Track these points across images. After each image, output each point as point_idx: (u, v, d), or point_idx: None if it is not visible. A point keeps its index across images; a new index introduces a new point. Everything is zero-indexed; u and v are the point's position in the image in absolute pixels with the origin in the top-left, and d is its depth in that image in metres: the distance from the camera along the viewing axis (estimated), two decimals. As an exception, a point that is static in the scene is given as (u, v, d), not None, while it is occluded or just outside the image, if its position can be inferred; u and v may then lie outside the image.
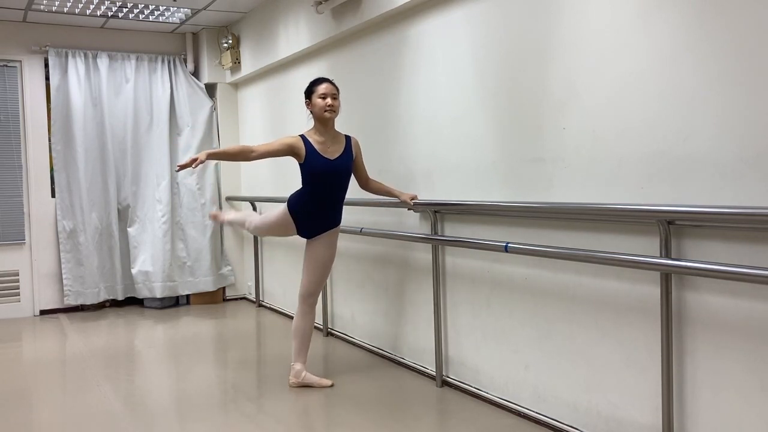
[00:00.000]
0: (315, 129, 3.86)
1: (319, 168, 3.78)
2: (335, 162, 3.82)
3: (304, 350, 4.02)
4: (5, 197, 6.40)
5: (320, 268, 3.93)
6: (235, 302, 7.00)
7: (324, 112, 3.78)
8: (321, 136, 3.83)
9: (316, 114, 3.82)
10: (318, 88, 3.82)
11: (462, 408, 3.62)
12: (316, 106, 3.80)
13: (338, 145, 3.87)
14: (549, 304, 3.26)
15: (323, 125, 3.84)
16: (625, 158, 2.81)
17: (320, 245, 3.93)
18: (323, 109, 3.78)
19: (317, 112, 3.80)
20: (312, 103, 3.83)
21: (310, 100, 3.84)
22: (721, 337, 2.50)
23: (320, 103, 3.78)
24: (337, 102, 3.83)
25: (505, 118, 3.45)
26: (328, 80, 3.87)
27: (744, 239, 2.40)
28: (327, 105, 3.77)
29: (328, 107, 3.78)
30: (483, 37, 3.57)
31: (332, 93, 3.81)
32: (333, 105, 3.79)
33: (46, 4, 5.84)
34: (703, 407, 2.57)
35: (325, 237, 3.93)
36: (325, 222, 3.91)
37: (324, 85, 3.82)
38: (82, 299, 6.48)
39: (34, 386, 4.27)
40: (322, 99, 3.78)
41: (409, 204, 3.98)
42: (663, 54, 2.63)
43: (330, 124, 3.85)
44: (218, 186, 6.98)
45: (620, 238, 2.85)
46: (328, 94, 3.79)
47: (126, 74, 6.68)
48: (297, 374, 4.02)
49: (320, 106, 3.78)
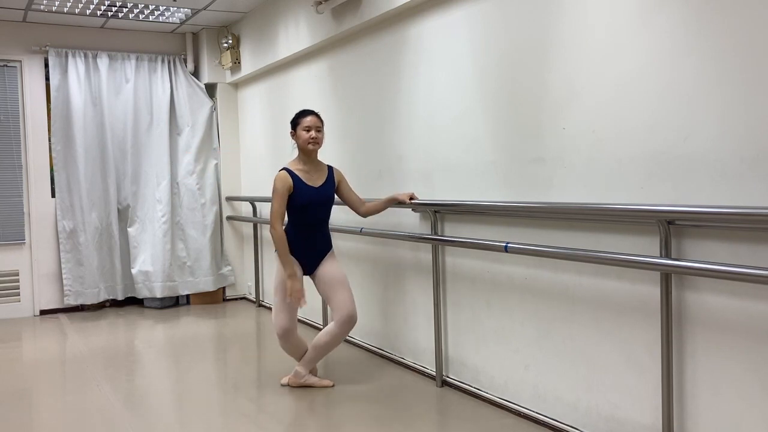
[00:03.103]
0: (299, 159, 3.98)
1: (306, 197, 3.88)
2: (320, 189, 3.94)
3: (315, 361, 4.05)
4: (5, 197, 6.40)
5: (342, 284, 3.95)
6: (235, 302, 7.00)
7: (308, 144, 3.91)
8: (305, 165, 3.96)
9: (300, 145, 3.94)
10: (303, 120, 3.93)
11: (462, 408, 3.61)
12: (301, 138, 3.92)
13: (321, 173, 4.00)
14: (549, 304, 3.26)
15: (306, 156, 3.96)
16: (625, 158, 2.81)
17: (328, 270, 3.97)
18: (307, 142, 3.91)
19: (301, 144, 3.93)
20: (297, 134, 3.94)
21: (295, 131, 3.95)
22: (721, 337, 2.50)
23: (304, 136, 3.91)
24: (320, 135, 3.95)
25: (505, 118, 3.45)
26: (313, 113, 3.98)
27: (744, 239, 2.40)
28: (311, 138, 3.90)
29: (311, 140, 3.91)
30: (483, 37, 3.57)
31: (316, 126, 3.93)
32: (316, 138, 3.92)
33: (46, 4, 5.84)
34: (703, 407, 2.57)
35: (326, 262, 3.99)
36: (317, 246, 3.98)
37: (309, 118, 3.93)
38: (82, 299, 6.48)
39: (34, 386, 4.27)
40: (306, 132, 3.90)
41: (408, 203, 3.99)
42: (663, 54, 2.63)
43: (313, 155, 3.98)
44: (218, 186, 6.98)
45: (620, 238, 2.85)
46: (312, 127, 3.91)
47: (126, 74, 6.68)
48: (297, 376, 4.02)
49: (304, 139, 3.91)
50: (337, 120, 5.04)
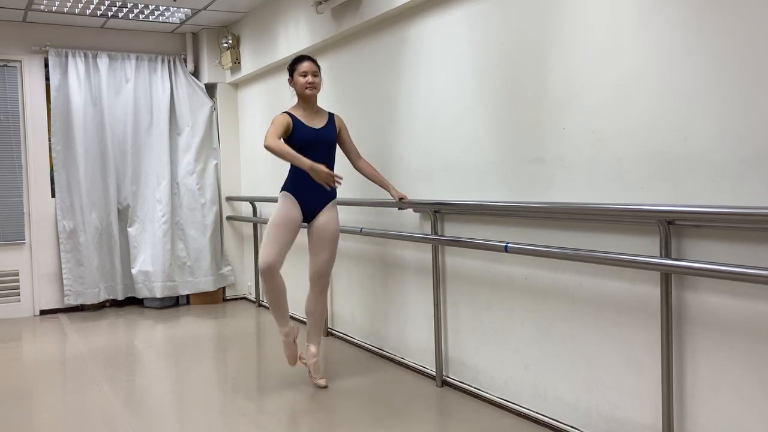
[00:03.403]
0: (298, 105, 4.00)
1: (305, 136, 3.88)
2: (320, 131, 3.94)
3: (318, 331, 4.05)
4: (5, 197, 6.40)
5: (330, 243, 3.94)
6: (235, 302, 7.00)
7: (305, 89, 3.92)
8: (304, 110, 3.98)
9: (298, 91, 3.96)
10: (299, 66, 3.94)
11: (462, 408, 3.61)
12: (298, 83, 3.94)
13: (321, 118, 4.01)
14: (549, 304, 3.26)
15: (305, 101, 3.97)
16: (625, 158, 2.81)
17: (323, 222, 3.95)
18: (304, 87, 3.92)
19: (299, 89, 3.94)
20: (294, 80, 3.96)
21: (292, 77, 3.97)
22: (721, 337, 2.50)
23: (301, 81, 3.92)
24: (318, 79, 3.96)
25: (505, 118, 3.45)
26: (309, 58, 3.99)
27: (744, 239, 2.40)
28: (308, 82, 3.92)
29: (308, 84, 3.92)
30: (483, 37, 3.57)
31: (313, 71, 3.94)
32: (314, 82, 3.93)
33: (46, 4, 5.84)
34: (703, 407, 2.57)
35: (325, 212, 3.96)
36: (321, 193, 3.94)
37: (305, 64, 3.94)
38: (82, 299, 6.48)
39: (34, 386, 4.27)
40: (303, 77, 3.92)
41: (396, 202, 4.05)
42: (663, 54, 2.63)
43: (312, 100, 3.98)
44: (218, 186, 6.98)
45: (620, 238, 2.85)
46: (308, 72, 3.92)
47: (126, 74, 6.68)
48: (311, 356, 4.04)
49: (301, 84, 3.92)
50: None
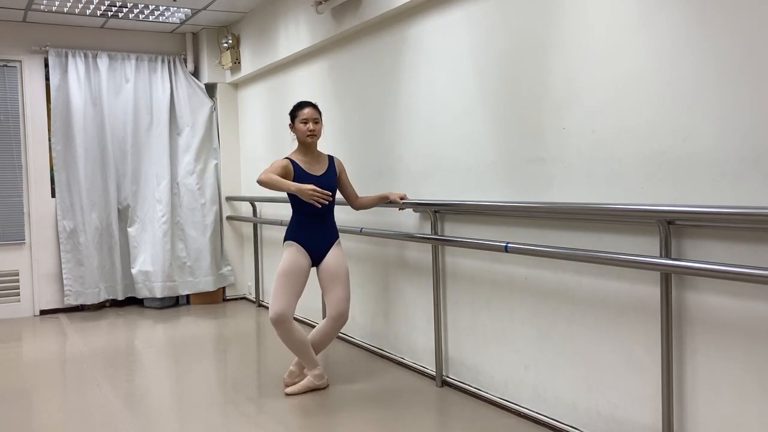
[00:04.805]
0: (299, 150, 4.00)
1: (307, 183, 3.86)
2: (321, 178, 3.94)
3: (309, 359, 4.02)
4: (5, 197, 6.40)
5: (342, 281, 3.95)
6: (235, 302, 7.00)
7: (306, 137, 3.93)
8: (305, 156, 3.98)
9: (299, 138, 3.96)
10: (300, 113, 3.94)
11: (462, 408, 3.61)
12: (299, 130, 3.94)
13: (322, 164, 4.01)
14: (549, 304, 3.26)
15: (306, 147, 3.98)
16: (625, 158, 2.81)
17: (332, 260, 3.95)
18: (305, 134, 3.93)
19: (300, 136, 3.95)
20: (295, 127, 3.96)
21: (294, 123, 3.96)
22: (721, 337, 2.50)
23: (302, 128, 3.92)
24: (318, 126, 3.96)
25: (505, 118, 3.45)
26: (310, 104, 3.98)
27: (744, 239, 2.40)
28: (309, 130, 3.92)
29: (309, 132, 3.92)
30: (483, 37, 3.57)
31: (314, 118, 3.94)
32: (314, 130, 3.94)
33: (46, 4, 5.84)
34: (703, 407, 2.57)
35: (332, 253, 3.97)
36: (325, 236, 3.96)
37: (306, 110, 3.94)
38: (83, 299, 6.48)
39: (34, 386, 4.27)
40: (304, 124, 3.92)
41: (399, 203, 4.02)
42: (663, 54, 2.63)
43: (312, 146, 3.99)
44: (218, 186, 6.98)
45: (620, 238, 2.85)
46: (309, 119, 3.93)
47: (126, 74, 6.68)
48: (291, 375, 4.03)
49: (302, 131, 3.93)
50: (337, 120, 5.04)
